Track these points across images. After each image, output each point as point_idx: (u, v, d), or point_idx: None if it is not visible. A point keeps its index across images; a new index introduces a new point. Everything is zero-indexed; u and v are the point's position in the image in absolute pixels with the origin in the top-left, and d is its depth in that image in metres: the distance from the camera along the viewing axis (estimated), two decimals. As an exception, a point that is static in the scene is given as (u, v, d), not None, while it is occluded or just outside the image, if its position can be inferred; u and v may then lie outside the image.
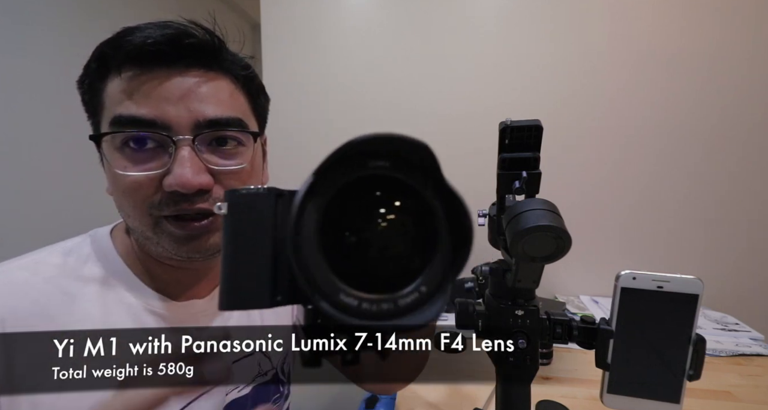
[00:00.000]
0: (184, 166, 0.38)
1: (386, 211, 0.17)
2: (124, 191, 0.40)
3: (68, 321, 0.41)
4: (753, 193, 1.01)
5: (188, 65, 0.40)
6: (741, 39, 0.98)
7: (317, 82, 1.17)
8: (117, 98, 0.39)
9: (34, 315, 0.40)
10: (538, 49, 1.06)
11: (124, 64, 0.39)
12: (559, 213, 0.34)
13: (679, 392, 0.38)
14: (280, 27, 1.18)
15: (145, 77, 0.39)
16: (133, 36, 0.38)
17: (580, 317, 0.40)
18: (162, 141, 0.39)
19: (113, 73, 0.40)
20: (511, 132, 0.35)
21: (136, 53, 0.38)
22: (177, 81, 0.40)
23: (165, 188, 0.39)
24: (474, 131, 1.09)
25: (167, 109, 0.39)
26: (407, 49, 1.12)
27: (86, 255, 0.46)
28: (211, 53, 0.42)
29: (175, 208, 0.40)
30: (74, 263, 0.44)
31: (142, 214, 0.40)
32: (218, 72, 0.43)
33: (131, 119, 0.39)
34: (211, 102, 0.41)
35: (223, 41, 0.44)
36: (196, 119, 0.39)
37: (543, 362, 0.77)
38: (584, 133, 1.06)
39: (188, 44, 0.40)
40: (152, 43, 0.38)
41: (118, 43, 0.39)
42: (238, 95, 0.45)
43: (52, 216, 1.32)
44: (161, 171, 0.39)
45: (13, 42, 1.24)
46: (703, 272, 0.41)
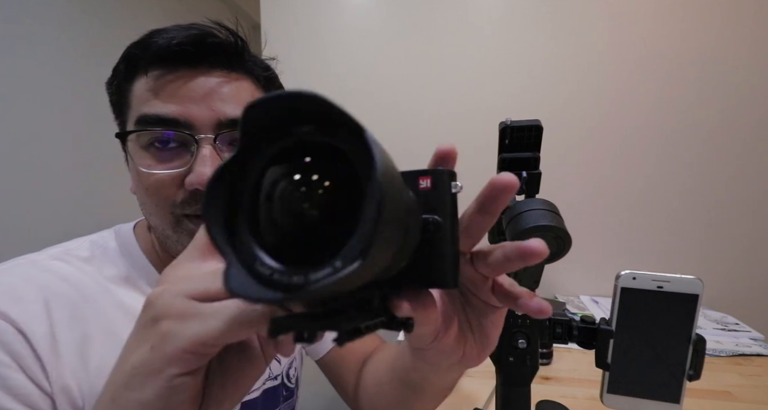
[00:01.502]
0: (206, 164, 0.39)
1: (304, 177, 0.16)
2: (147, 189, 0.41)
3: (106, 305, 0.42)
4: (753, 193, 1.01)
5: (212, 65, 0.42)
6: (741, 39, 0.98)
7: (317, 82, 1.17)
8: (143, 97, 0.41)
9: (73, 298, 0.41)
10: (538, 49, 1.06)
11: (151, 65, 0.40)
12: (559, 213, 0.34)
13: (679, 392, 0.38)
14: (280, 27, 1.18)
15: (170, 77, 0.40)
16: (159, 37, 0.40)
17: (580, 317, 0.40)
18: (184, 139, 0.41)
19: (140, 73, 0.41)
20: (511, 132, 0.35)
21: (162, 53, 0.39)
22: (201, 81, 0.41)
23: (186, 187, 0.40)
24: (474, 131, 1.09)
25: (191, 108, 0.40)
26: (407, 49, 1.12)
27: (112, 249, 0.47)
28: (234, 54, 0.43)
29: (196, 207, 0.41)
30: (102, 256, 0.46)
31: (164, 213, 0.41)
32: (240, 73, 0.44)
33: (156, 118, 0.40)
34: (233, 102, 0.42)
35: (246, 42, 0.45)
36: (218, 118, 0.40)
37: (543, 362, 0.77)
38: (584, 133, 1.06)
39: (211, 44, 0.41)
40: (177, 43, 0.39)
41: (145, 44, 0.40)
42: (259, 96, 0.45)
43: (53, 216, 1.32)
44: (183, 169, 0.40)
45: (13, 42, 1.24)
46: (703, 272, 0.41)
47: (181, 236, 0.42)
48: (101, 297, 0.43)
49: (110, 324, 0.42)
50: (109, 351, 0.40)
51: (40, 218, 1.30)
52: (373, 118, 1.16)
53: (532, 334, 0.38)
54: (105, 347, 0.41)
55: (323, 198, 0.15)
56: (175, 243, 0.43)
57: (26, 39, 1.27)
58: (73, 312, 0.41)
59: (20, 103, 1.21)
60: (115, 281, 0.45)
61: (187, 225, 0.42)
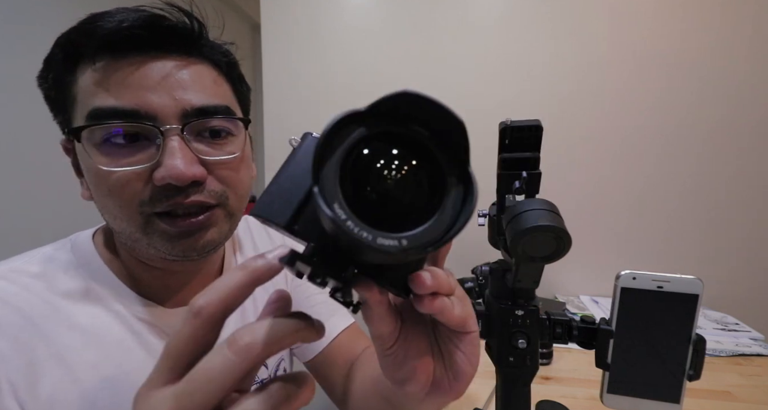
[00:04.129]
0: (176, 156, 0.36)
1: (405, 165, 0.18)
2: (109, 190, 0.37)
3: (56, 330, 0.38)
4: (753, 193, 1.01)
5: (167, 51, 0.38)
6: (741, 39, 0.98)
7: (317, 82, 1.17)
8: (92, 89, 0.36)
9: (17, 324, 0.37)
10: (538, 49, 1.06)
11: (98, 52, 0.36)
12: (559, 213, 0.34)
13: (679, 392, 0.38)
14: (280, 27, 1.18)
15: (120, 64, 0.36)
16: (104, 21, 0.35)
17: (580, 317, 0.40)
18: (148, 132, 0.36)
19: (84, 62, 0.36)
20: (511, 132, 0.35)
21: (110, 38, 0.35)
22: (156, 67, 0.37)
23: (156, 182, 0.36)
24: (474, 131, 1.08)
25: (150, 97, 0.36)
26: (407, 49, 1.12)
27: (66, 261, 0.42)
28: (191, 37, 0.39)
29: (168, 203, 0.37)
30: (54, 271, 0.41)
31: (132, 213, 0.37)
32: (198, 58, 0.40)
33: (112, 111, 0.35)
34: (195, 89, 0.38)
35: (204, 25, 0.41)
36: (184, 108, 0.37)
37: (543, 362, 0.77)
38: (584, 133, 1.06)
39: (166, 27, 0.37)
40: (128, 27, 0.35)
41: (88, 29, 0.35)
42: (221, 82, 0.42)
43: (52, 216, 1.32)
44: (149, 164, 0.36)
45: (14, 42, 1.24)
46: (703, 272, 0.41)
47: (152, 238, 0.38)
48: (51, 319, 0.38)
49: (62, 349, 0.38)
50: (61, 378, 0.37)
51: (40, 218, 1.30)
52: (373, 118, 1.16)
53: (532, 334, 0.38)
54: (56, 374, 0.37)
55: (421, 192, 0.18)
56: (146, 246, 0.39)
57: (26, 39, 1.27)
58: (16, 338, 0.36)
59: (20, 103, 1.21)
60: (71, 297, 0.40)
61: (159, 225, 0.38)
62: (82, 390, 0.37)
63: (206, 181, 0.38)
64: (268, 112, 1.21)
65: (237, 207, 0.43)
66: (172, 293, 0.46)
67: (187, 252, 0.40)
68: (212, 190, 0.39)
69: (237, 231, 0.58)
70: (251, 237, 0.60)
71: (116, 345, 0.40)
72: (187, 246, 0.39)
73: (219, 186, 0.40)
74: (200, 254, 0.41)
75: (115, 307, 0.42)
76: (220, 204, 0.40)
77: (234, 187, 0.42)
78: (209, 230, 0.40)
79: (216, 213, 0.40)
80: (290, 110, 1.20)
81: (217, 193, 0.40)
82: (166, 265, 0.43)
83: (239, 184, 0.42)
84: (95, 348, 0.39)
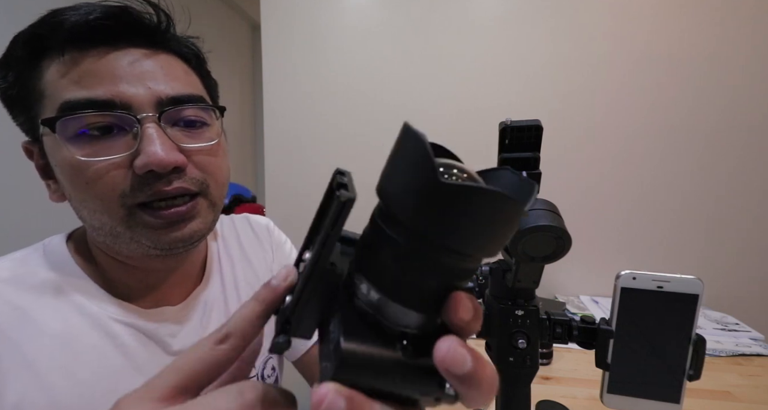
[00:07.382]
0: (154, 143, 0.35)
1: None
2: (87, 182, 0.35)
3: (24, 336, 0.37)
4: (753, 193, 1.01)
5: (134, 43, 0.38)
6: (741, 39, 0.98)
7: (317, 82, 1.18)
8: (61, 83, 0.35)
9: None
10: (538, 49, 1.06)
11: (65, 45, 0.35)
12: (559, 214, 0.34)
13: (679, 392, 0.38)
14: (280, 27, 1.18)
15: (89, 56, 0.35)
16: (70, 14, 0.35)
17: (580, 317, 0.40)
18: (124, 122, 0.36)
19: (50, 56, 0.36)
20: (511, 132, 0.35)
21: (77, 30, 0.35)
22: (126, 58, 0.37)
23: (137, 170, 0.35)
24: (474, 131, 1.09)
25: (123, 87, 0.36)
26: (407, 49, 1.12)
27: (38, 265, 0.41)
28: (158, 30, 0.39)
29: (150, 192, 0.36)
30: (24, 275, 0.40)
31: (113, 206, 0.36)
32: (166, 50, 0.40)
33: (86, 102, 0.34)
34: (168, 79, 0.38)
35: (171, 18, 0.41)
36: (158, 97, 0.37)
37: (543, 362, 0.77)
38: (584, 132, 1.06)
39: (135, 19, 0.37)
40: (95, 18, 0.35)
41: (53, 23, 0.35)
42: (191, 73, 0.43)
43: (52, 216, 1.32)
44: (128, 153, 0.35)
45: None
46: (703, 272, 0.42)
47: (136, 231, 0.37)
48: (18, 326, 0.37)
49: (30, 356, 0.36)
50: (28, 384, 0.36)
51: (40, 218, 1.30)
52: (373, 118, 1.16)
53: (532, 334, 0.38)
54: (23, 381, 0.36)
55: None
56: (129, 241, 0.38)
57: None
58: None
59: None
60: (41, 301, 0.39)
61: (142, 217, 0.37)
62: (52, 396, 0.36)
63: (186, 168, 0.38)
64: (268, 111, 1.21)
65: (218, 195, 0.43)
66: (150, 292, 0.45)
67: (173, 243, 0.39)
68: (193, 178, 0.39)
69: (222, 233, 0.57)
70: (237, 237, 0.59)
71: (90, 348, 0.39)
72: (173, 238, 0.39)
73: (199, 173, 0.40)
74: (186, 246, 0.40)
75: (90, 309, 0.40)
76: (202, 192, 0.40)
77: (213, 174, 0.42)
78: (193, 221, 0.40)
79: (199, 203, 0.40)
80: (290, 110, 1.20)
81: (197, 181, 0.39)
82: (146, 263, 0.42)
83: (218, 170, 0.42)
84: (67, 353, 0.38)
